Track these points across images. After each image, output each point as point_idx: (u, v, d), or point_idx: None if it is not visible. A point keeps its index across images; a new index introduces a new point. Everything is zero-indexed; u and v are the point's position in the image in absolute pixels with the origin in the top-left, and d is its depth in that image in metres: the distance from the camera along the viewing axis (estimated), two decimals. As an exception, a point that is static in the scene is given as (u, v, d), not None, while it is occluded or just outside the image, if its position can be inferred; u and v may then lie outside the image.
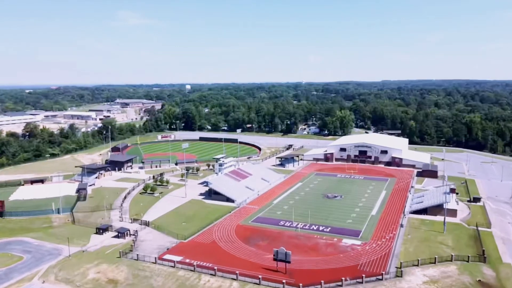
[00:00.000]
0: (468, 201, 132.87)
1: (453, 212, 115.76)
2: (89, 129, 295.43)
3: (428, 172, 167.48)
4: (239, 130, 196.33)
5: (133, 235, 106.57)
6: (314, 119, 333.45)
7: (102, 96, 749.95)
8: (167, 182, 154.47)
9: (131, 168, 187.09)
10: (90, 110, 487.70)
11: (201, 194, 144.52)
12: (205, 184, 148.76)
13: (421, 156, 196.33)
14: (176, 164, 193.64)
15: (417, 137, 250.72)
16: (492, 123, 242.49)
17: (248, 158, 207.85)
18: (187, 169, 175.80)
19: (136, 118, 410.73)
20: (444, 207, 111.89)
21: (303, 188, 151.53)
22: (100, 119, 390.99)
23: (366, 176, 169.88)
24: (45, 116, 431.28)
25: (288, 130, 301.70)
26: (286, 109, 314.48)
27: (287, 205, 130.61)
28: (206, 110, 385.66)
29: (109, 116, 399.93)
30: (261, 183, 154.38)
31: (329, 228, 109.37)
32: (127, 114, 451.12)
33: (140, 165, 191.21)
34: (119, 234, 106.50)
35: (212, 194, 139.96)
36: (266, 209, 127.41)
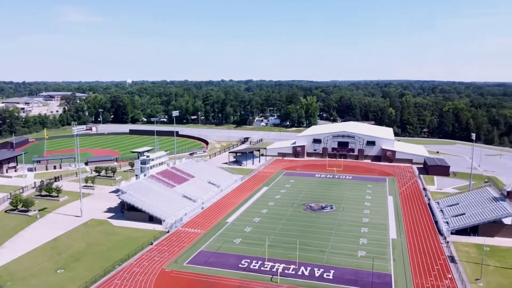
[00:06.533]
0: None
1: (523, 232, 70.66)
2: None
3: (436, 169, 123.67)
4: (175, 113, 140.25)
5: None
6: (273, 109, 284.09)
7: (27, 90, 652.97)
8: (58, 191, 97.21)
9: (15, 170, 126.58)
10: (3, 103, 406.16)
11: (109, 210, 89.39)
12: (118, 193, 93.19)
13: (416, 148, 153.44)
14: (86, 163, 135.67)
15: (397, 128, 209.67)
16: (481, 110, 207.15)
17: (190, 154, 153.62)
18: (98, 170, 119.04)
19: (57, 111, 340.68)
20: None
21: (272, 195, 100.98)
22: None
23: (355, 175, 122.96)
24: None
25: (243, 122, 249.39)
26: (240, 97, 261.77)
27: (250, 226, 79.38)
28: (144, 101, 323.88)
29: (23, 109, 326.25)
30: (208, 189, 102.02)
31: (332, 272, 59.75)
32: (49, 107, 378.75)
33: (30, 165, 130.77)
34: None
35: (126, 209, 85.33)
36: (215, 234, 75.26)
